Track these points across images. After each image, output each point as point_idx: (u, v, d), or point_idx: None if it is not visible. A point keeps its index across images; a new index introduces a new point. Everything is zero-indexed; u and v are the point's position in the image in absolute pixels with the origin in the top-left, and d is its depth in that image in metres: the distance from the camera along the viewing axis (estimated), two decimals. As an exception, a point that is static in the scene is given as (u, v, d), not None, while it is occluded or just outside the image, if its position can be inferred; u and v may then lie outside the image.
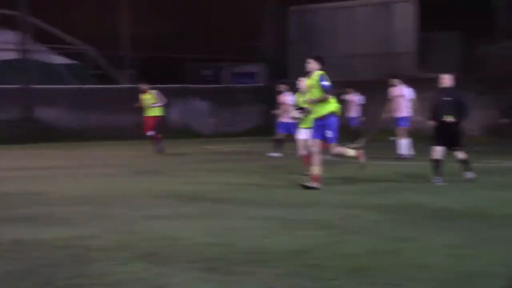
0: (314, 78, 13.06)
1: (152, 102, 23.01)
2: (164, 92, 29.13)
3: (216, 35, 39.27)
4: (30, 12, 33.50)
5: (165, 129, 32.29)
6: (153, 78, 30.66)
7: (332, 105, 13.14)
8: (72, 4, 39.97)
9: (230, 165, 18.41)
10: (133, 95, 30.76)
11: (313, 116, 13.32)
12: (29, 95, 31.51)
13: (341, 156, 13.91)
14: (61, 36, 37.48)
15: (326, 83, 12.98)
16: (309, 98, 13.24)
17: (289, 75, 33.55)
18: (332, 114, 13.11)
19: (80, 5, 39.95)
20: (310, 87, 13.17)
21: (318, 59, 13.29)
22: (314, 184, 12.97)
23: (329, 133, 13.02)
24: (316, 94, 13.02)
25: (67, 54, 37.38)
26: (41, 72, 33.52)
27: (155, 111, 23.07)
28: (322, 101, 12.99)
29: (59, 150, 25.16)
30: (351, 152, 13.62)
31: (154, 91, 23.20)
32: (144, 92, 23.22)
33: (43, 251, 7.82)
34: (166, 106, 23.96)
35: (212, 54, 38.22)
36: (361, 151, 13.77)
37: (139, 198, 12.23)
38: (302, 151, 15.05)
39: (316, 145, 13.09)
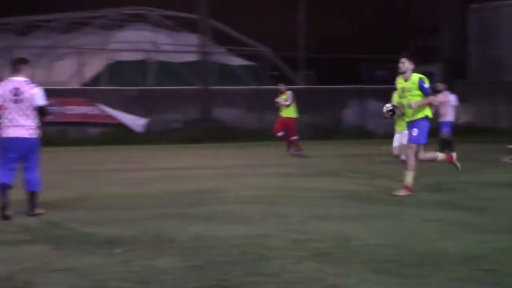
0: (413, 81, 12.47)
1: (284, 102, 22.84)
2: (339, 92, 29.12)
3: (392, 34, 38.81)
4: (210, 15, 34.46)
5: (341, 130, 32.41)
6: (328, 79, 30.66)
7: (425, 110, 12.52)
8: (250, 6, 40.73)
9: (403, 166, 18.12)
10: (308, 96, 30.92)
11: (406, 119, 12.82)
12: (208, 95, 32.43)
13: (407, 166, 12.75)
14: (239, 38, 38.32)
15: (427, 86, 12.44)
16: (411, 102, 12.41)
17: (468, 75, 32.63)
18: (424, 118, 12.51)
19: (258, 7, 40.64)
20: (407, 90, 12.52)
21: (412, 58, 12.70)
22: (403, 192, 12.33)
23: (415, 131, 12.43)
24: (415, 97, 12.42)
25: (244, 56, 38.17)
26: (220, 73, 34.42)
27: (289, 112, 22.85)
28: (427, 105, 12.49)
29: (236, 149, 25.72)
30: (409, 176, 12.40)
31: (289, 92, 23.00)
32: (282, 92, 23.07)
33: (219, 248, 8.00)
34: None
35: (387, 54, 37.85)
36: (412, 188, 12.42)
37: (313, 198, 12.28)
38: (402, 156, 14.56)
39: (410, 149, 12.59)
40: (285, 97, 22.76)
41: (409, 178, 12.41)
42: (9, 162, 10.43)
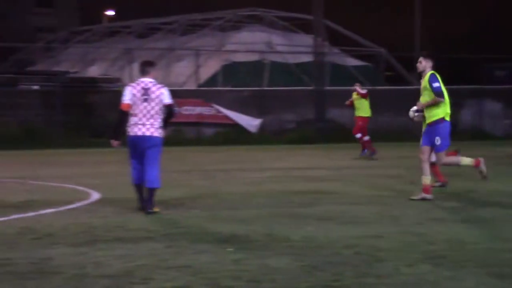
0: (426, 79, 11.96)
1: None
2: (456, 93, 28.27)
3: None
4: (325, 16, 34.41)
5: (457, 131, 31.75)
6: (444, 79, 29.99)
7: (442, 110, 11.92)
8: (365, 7, 40.46)
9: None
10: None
11: (425, 121, 12.16)
12: (322, 96, 32.39)
13: (454, 165, 12.49)
14: (353, 38, 38.11)
15: (437, 84, 11.83)
16: (419, 102, 12.02)
17: None
18: (442, 119, 11.91)
19: (373, 7, 40.32)
20: (423, 89, 12.03)
21: (429, 56, 12.17)
22: (426, 196, 11.91)
23: (437, 140, 11.85)
24: (428, 97, 11.93)
25: (359, 56, 37.93)
26: (334, 74, 34.34)
27: (364, 112, 22.36)
28: (434, 105, 11.86)
29: (349, 150, 25.58)
30: (466, 160, 12.22)
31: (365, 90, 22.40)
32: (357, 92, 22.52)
33: (332, 249, 7.97)
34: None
35: (508, 54, 36.87)
36: (480, 158, 12.22)
37: (427, 199, 12.08)
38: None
39: (424, 153, 12.03)
40: (358, 96, 22.31)
41: (425, 179, 11.94)
42: (136, 160, 10.86)
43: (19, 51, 47.73)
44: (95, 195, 12.87)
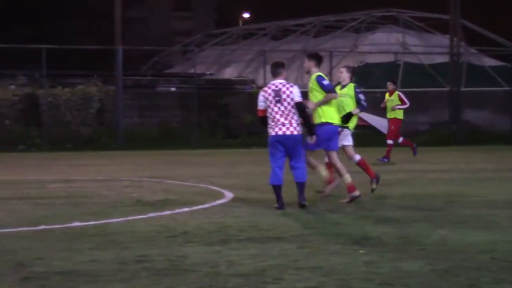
0: (312, 80, 11.65)
1: (396, 104, 21.31)
2: None
3: None
4: (461, 15, 33.73)
5: None
6: None
7: (329, 114, 11.72)
8: (503, 5, 39.39)
9: None
10: None
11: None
12: (458, 97, 31.76)
13: (314, 169, 12.13)
14: (491, 37, 37.19)
15: (326, 82, 11.59)
16: (311, 101, 11.70)
17: None
18: (324, 123, 11.72)
19: (512, 5, 39.22)
20: (310, 90, 11.76)
21: (313, 56, 11.80)
22: (355, 193, 11.90)
23: (309, 139, 11.47)
24: (318, 97, 11.65)
25: (497, 56, 36.98)
26: (470, 75, 33.62)
27: (397, 114, 21.40)
28: (328, 101, 11.68)
29: (486, 153, 24.99)
30: (323, 172, 12.18)
31: (397, 92, 21.44)
32: (391, 93, 21.57)
33: (466, 253, 7.82)
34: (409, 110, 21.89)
35: None
36: (334, 182, 12.31)
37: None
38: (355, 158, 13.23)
39: (331, 155, 12.02)
40: (395, 98, 21.39)
41: (346, 179, 12.04)
42: (277, 161, 11.21)
43: (158, 54, 49.19)
44: (228, 195, 13.10)
